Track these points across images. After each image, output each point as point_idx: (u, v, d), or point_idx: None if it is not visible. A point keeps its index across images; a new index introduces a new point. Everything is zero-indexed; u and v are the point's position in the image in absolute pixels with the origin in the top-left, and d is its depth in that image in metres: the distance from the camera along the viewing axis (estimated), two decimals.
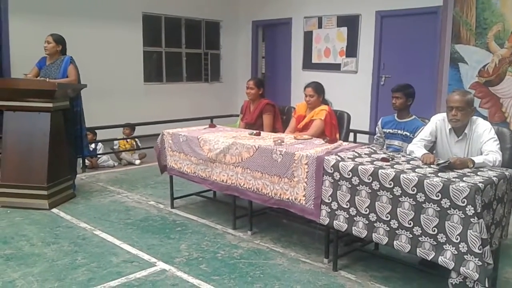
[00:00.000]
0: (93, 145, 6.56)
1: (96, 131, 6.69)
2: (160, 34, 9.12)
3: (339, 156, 3.30)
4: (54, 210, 4.54)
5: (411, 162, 3.18)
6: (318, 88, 4.48)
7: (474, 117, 3.31)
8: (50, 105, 4.54)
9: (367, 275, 3.28)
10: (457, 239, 2.60)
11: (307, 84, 4.55)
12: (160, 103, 8.79)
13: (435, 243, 2.71)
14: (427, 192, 2.71)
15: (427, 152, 3.27)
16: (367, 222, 3.02)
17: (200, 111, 8.45)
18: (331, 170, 3.19)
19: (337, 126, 4.44)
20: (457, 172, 2.90)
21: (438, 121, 3.44)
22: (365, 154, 3.42)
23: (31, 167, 4.55)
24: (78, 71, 4.95)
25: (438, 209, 2.67)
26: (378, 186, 2.93)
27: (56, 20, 7.18)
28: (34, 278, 3.14)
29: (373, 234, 2.99)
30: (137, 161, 6.88)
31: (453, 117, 3.24)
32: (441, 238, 2.67)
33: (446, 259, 2.65)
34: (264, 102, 4.87)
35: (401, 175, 2.82)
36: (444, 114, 3.38)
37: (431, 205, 2.70)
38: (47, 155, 4.53)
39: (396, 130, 4.04)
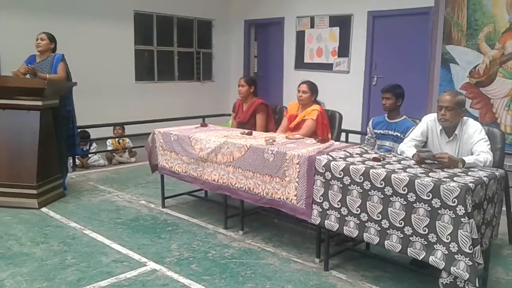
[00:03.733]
0: (87, 146, 6.53)
1: (88, 130, 6.64)
2: (151, 32, 9.09)
3: (330, 155, 3.30)
4: (44, 209, 4.49)
5: (402, 162, 3.19)
6: (312, 87, 4.50)
7: (465, 118, 3.32)
8: (40, 103, 4.50)
9: (358, 275, 3.28)
10: (447, 239, 2.61)
11: (303, 81, 4.58)
12: (151, 102, 8.76)
13: (426, 243, 2.71)
14: (418, 192, 2.71)
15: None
16: (358, 221, 3.02)
17: (192, 110, 8.43)
18: (323, 169, 3.19)
19: (329, 126, 4.44)
20: (448, 172, 2.91)
21: (430, 121, 3.45)
22: (356, 154, 3.42)
23: (21, 166, 4.51)
24: (68, 68, 4.93)
25: (429, 209, 2.68)
26: (369, 186, 2.93)
27: (46, 17, 7.13)
28: (23, 278, 3.10)
29: (364, 233, 2.99)
30: (132, 159, 6.86)
31: (442, 117, 3.25)
32: (432, 238, 2.68)
33: (436, 258, 2.66)
34: (258, 102, 4.86)
35: (392, 175, 2.83)
36: (435, 115, 3.39)
37: (422, 205, 2.70)
38: (36, 154, 4.49)
39: (387, 131, 4.04)
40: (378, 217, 2.90)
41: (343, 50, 8.38)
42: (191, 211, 4.58)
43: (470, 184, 2.63)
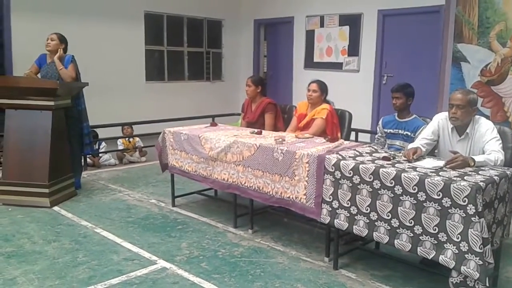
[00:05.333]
0: (96, 145, 6.57)
1: (98, 129, 6.68)
2: (162, 32, 9.13)
3: (340, 155, 3.30)
4: (56, 208, 4.54)
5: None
6: (322, 86, 4.50)
7: (477, 117, 3.30)
8: (52, 103, 4.54)
9: (368, 274, 3.28)
10: (458, 238, 2.59)
11: (313, 80, 4.58)
12: (162, 102, 8.80)
13: (436, 242, 2.70)
14: (428, 191, 2.70)
15: (414, 147, 3.27)
16: (368, 221, 3.01)
17: (201, 110, 8.46)
18: (332, 168, 3.19)
19: (339, 125, 4.44)
20: (458, 171, 2.90)
21: (441, 120, 3.43)
22: (366, 153, 3.42)
23: (33, 165, 4.56)
24: (78, 69, 4.97)
25: (439, 208, 2.67)
26: (379, 185, 2.92)
27: (58, 18, 7.19)
28: (35, 276, 3.14)
29: (374, 233, 2.99)
30: (143, 158, 6.90)
31: (453, 115, 3.24)
32: (442, 237, 2.67)
33: (446, 258, 2.64)
34: (266, 101, 4.87)
35: (402, 174, 2.82)
36: (447, 113, 3.37)
37: (432, 204, 2.69)
38: (48, 153, 4.53)
39: (397, 130, 4.03)
40: (388, 216, 2.89)
41: (353, 49, 8.35)
42: (201, 210, 4.60)
43: (481, 183, 2.62)
